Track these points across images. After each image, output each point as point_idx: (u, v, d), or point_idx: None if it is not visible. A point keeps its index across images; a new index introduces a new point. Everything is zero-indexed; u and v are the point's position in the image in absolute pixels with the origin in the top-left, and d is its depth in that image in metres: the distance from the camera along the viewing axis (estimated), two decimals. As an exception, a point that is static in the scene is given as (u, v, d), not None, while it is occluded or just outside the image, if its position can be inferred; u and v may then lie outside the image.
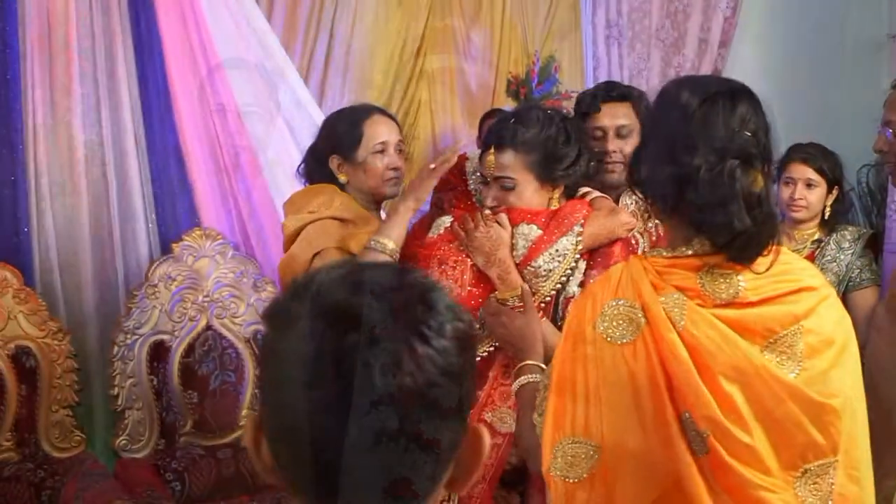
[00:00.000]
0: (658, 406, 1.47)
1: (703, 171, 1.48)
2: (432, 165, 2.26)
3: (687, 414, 1.47)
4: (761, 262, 1.52)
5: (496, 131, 2.20)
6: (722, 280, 1.52)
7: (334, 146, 2.46)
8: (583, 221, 2.13)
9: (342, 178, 2.46)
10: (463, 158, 2.34)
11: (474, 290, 2.14)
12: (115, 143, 3.38)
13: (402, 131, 2.56)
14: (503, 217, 2.15)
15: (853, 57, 4.98)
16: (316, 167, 2.50)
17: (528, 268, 2.10)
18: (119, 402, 3.28)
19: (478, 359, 2.03)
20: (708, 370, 1.46)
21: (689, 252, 1.53)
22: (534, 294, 2.08)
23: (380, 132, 2.46)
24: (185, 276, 3.41)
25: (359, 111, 2.53)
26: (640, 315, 1.50)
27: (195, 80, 3.49)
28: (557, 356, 1.56)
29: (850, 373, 1.57)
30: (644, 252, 1.65)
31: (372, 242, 2.22)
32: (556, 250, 2.10)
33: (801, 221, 3.35)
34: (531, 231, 2.13)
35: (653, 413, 1.47)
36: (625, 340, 1.49)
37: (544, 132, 2.15)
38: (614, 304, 1.52)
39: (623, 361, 1.48)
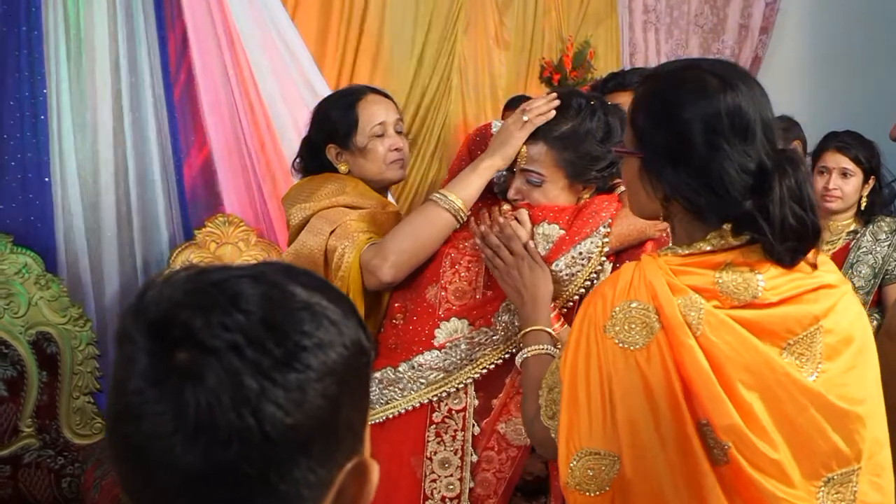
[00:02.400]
0: (675, 414, 1.35)
1: (772, 172, 1.35)
2: (525, 118, 1.91)
3: (705, 422, 1.35)
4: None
5: None
6: (741, 280, 1.38)
7: (329, 134, 2.20)
8: (610, 221, 1.88)
9: (342, 168, 2.20)
10: (487, 130, 2.05)
11: (489, 293, 1.91)
12: (137, 128, 3.26)
13: (399, 110, 2.30)
14: (523, 213, 1.90)
15: (897, 44, 4.76)
16: (312, 159, 2.25)
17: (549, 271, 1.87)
18: (140, 390, 3.18)
19: (492, 366, 1.89)
20: (726, 377, 1.34)
21: (707, 248, 1.40)
22: (554, 299, 1.85)
23: (376, 113, 2.20)
24: (208, 263, 3.28)
25: (350, 93, 2.27)
26: (654, 318, 1.36)
27: (219, 66, 3.36)
28: (567, 362, 1.42)
29: (870, 373, 1.45)
30: (657, 250, 1.48)
31: (436, 196, 1.95)
32: (580, 253, 1.86)
33: (835, 212, 3.24)
34: (553, 231, 1.88)
35: (670, 421, 1.35)
36: (637, 345, 1.36)
37: (583, 126, 1.89)
38: (626, 306, 1.38)
39: (636, 367, 1.35)
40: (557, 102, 1.91)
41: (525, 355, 1.71)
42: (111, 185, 3.23)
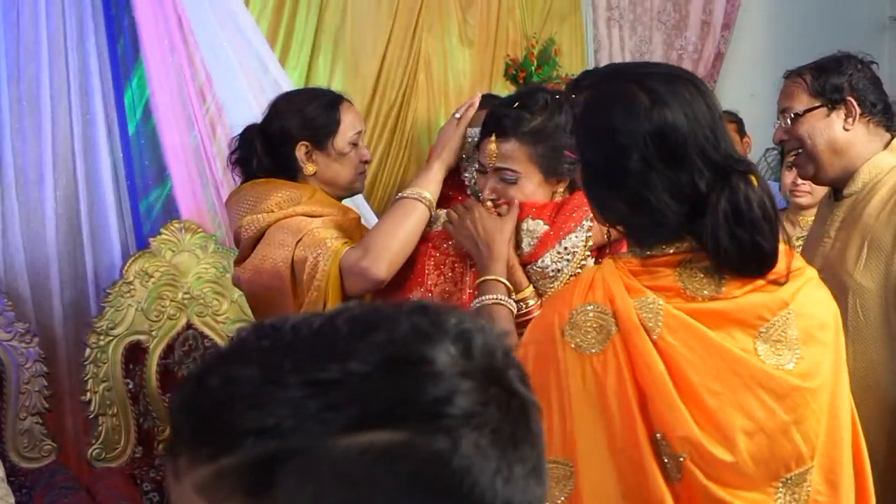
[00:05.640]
0: (629, 426, 1.26)
1: (707, 193, 1.26)
2: (458, 115, 1.99)
3: (660, 435, 1.26)
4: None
5: (498, 117, 1.84)
6: (702, 275, 1.30)
7: (305, 132, 2.04)
8: (592, 215, 1.76)
9: (309, 169, 2.05)
10: None
11: (476, 292, 1.82)
12: (85, 132, 2.96)
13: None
14: (504, 208, 1.84)
15: (856, 39, 4.60)
16: (269, 154, 2.07)
17: (534, 267, 1.80)
18: (92, 409, 2.86)
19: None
20: (687, 383, 1.26)
21: (671, 251, 1.32)
22: (540, 296, 1.79)
23: (355, 121, 2.10)
24: (164, 272, 2.98)
25: (330, 95, 2.13)
26: (611, 321, 1.29)
27: (173, 66, 3.08)
28: (529, 363, 1.28)
29: (837, 362, 1.38)
30: (617, 254, 1.42)
31: (407, 192, 1.93)
32: (566, 248, 1.80)
33: (804, 207, 3.08)
34: (538, 227, 1.82)
35: (622, 433, 1.26)
36: (594, 350, 1.28)
37: (552, 120, 1.83)
38: (583, 309, 1.30)
39: (592, 374, 1.28)
40: (477, 99, 2.01)
41: (478, 304, 1.72)
42: (57, 190, 2.92)
